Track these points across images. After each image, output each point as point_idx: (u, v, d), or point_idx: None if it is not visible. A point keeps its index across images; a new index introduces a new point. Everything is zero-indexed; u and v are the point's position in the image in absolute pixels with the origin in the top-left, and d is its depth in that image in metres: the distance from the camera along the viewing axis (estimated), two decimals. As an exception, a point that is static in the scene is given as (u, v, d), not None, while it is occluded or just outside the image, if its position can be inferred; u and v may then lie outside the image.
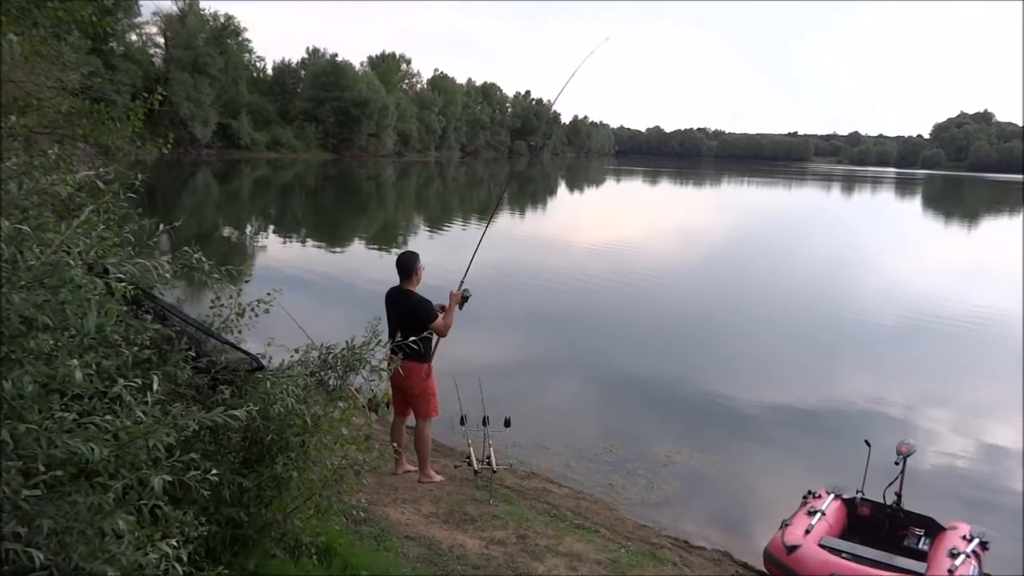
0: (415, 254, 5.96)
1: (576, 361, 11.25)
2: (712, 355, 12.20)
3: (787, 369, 11.48)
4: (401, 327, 5.45)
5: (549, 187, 62.29)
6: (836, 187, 78.74)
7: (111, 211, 3.82)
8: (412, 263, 5.85)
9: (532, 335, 12.53)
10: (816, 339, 13.42)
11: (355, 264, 19.60)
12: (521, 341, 12.14)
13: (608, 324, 13.72)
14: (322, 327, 5.72)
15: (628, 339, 12.73)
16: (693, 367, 11.30)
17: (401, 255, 5.97)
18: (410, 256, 5.92)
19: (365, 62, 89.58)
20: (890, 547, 5.43)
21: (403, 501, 5.28)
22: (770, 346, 12.61)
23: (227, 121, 62.31)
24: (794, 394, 10.03)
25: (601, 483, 6.85)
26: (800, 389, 10.30)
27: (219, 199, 36.87)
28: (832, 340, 13.38)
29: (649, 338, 12.93)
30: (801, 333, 13.81)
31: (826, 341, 13.30)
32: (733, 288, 18.10)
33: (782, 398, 9.85)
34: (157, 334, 3.22)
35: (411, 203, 41.66)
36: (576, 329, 13.25)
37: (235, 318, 3.89)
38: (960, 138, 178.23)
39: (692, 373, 10.90)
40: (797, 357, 12.22)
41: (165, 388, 3.15)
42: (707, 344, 12.95)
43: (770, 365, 11.55)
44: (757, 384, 10.36)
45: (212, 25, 63.43)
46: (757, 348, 12.44)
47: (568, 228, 30.24)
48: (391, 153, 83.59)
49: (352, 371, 3.76)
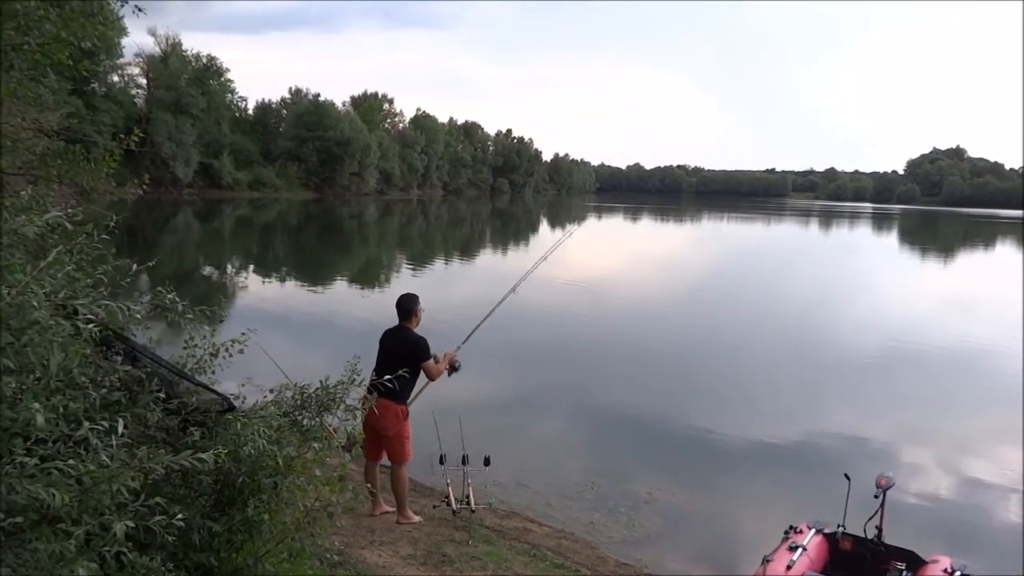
0: (415, 296, 5.99)
1: (557, 397, 11.20)
2: (693, 389, 12.20)
3: (768, 403, 11.46)
4: (392, 364, 5.36)
5: (531, 224, 62.60)
6: (815, 222, 79.67)
7: (85, 252, 3.82)
8: (412, 305, 5.88)
9: (512, 371, 12.48)
10: (797, 372, 13.47)
11: (337, 303, 19.53)
12: (501, 377, 12.09)
13: (588, 359, 13.72)
14: (301, 366, 5.66)
15: (608, 374, 12.71)
16: (674, 402, 11.29)
17: (402, 297, 5.98)
18: (410, 298, 5.95)
19: (347, 101, 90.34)
20: (872, 583, 5.40)
21: (380, 543, 5.20)
22: (751, 380, 12.63)
23: (209, 161, 62.41)
24: (775, 428, 10.02)
25: (583, 521, 6.79)
26: (781, 423, 10.29)
27: (200, 238, 36.74)
28: (812, 373, 13.43)
29: (630, 373, 12.90)
30: (782, 367, 13.84)
31: (806, 374, 13.35)
32: (714, 322, 18.17)
33: (763, 432, 9.83)
34: (127, 376, 3.17)
35: (393, 241, 41.72)
36: (556, 365, 13.22)
37: (208, 358, 3.83)
38: (933, 173, 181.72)
39: (673, 408, 10.88)
40: (778, 391, 12.23)
41: (134, 431, 3.11)
42: (688, 379, 12.94)
43: (752, 399, 11.53)
44: (739, 418, 10.34)
45: (194, 66, 63.86)
46: (738, 382, 12.47)
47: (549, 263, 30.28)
48: (373, 192, 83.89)
49: (327, 411, 3.72)
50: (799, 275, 30.08)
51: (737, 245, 48.17)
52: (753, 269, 31.81)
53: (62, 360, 2.26)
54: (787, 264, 35.26)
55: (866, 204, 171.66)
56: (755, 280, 27.56)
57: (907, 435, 10.11)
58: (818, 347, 15.51)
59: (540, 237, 49.00)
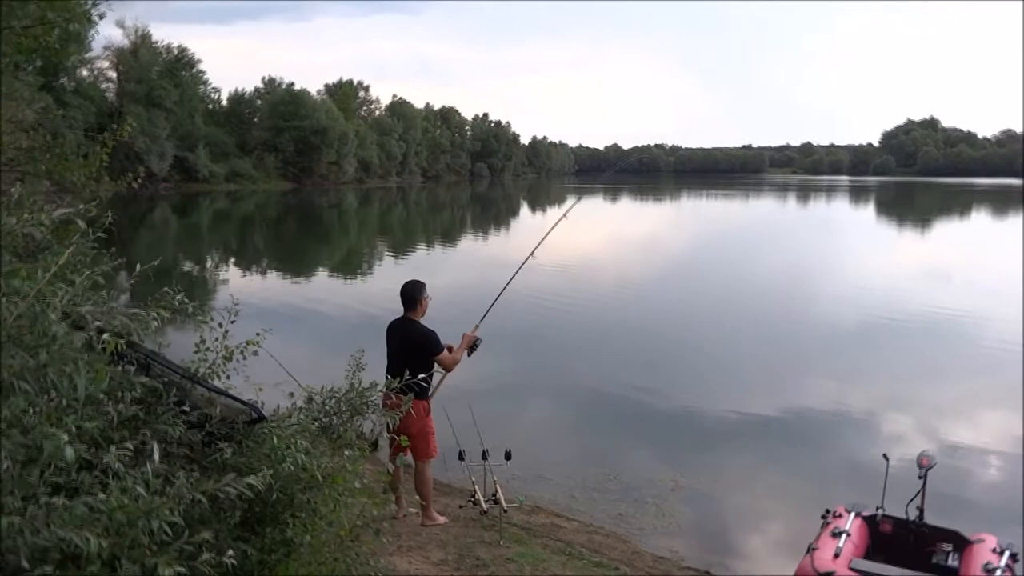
0: (421, 283, 5.62)
1: (562, 385, 10.93)
2: (701, 370, 11.97)
3: (785, 381, 11.24)
4: (404, 360, 5.11)
5: (512, 208, 62.22)
6: (793, 197, 79.85)
7: (83, 253, 3.51)
8: (418, 293, 5.52)
9: (514, 359, 12.18)
10: (799, 350, 13.29)
11: (324, 293, 19.16)
12: (504, 366, 11.82)
13: (587, 344, 13.46)
14: (297, 362, 5.37)
15: (609, 359, 12.45)
16: (684, 384, 11.05)
17: (406, 284, 5.62)
18: (416, 285, 5.57)
19: (322, 90, 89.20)
20: (919, 565, 5.20)
21: (408, 548, 4.92)
22: (762, 359, 12.40)
23: (184, 154, 61.34)
24: (794, 407, 9.83)
25: (610, 513, 6.55)
26: (799, 401, 10.09)
27: (178, 233, 36.10)
28: (812, 350, 13.27)
29: (629, 357, 12.67)
30: (791, 343, 13.66)
31: (806, 351, 13.17)
32: (705, 303, 17.97)
33: (782, 412, 9.64)
34: (143, 387, 2.88)
35: (374, 229, 41.24)
36: (556, 351, 12.96)
37: (222, 362, 3.50)
38: (908, 145, 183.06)
39: (685, 391, 10.63)
40: (792, 368, 12.03)
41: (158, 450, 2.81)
42: (694, 359, 12.72)
43: (765, 379, 11.29)
44: (753, 399, 10.11)
45: (165, 58, 62.66)
46: (749, 362, 12.23)
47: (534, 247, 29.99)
48: (352, 180, 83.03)
49: (359, 415, 3.42)
50: (784, 251, 29.98)
51: (718, 223, 48.08)
52: (743, 245, 31.70)
53: (90, 384, 1.94)
54: (777, 239, 35.16)
55: (843, 177, 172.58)
56: (744, 257, 27.42)
57: (919, 408, 9.97)
58: (815, 324, 15.34)
59: (521, 221, 48.69)
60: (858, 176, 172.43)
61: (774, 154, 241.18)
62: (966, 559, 5.10)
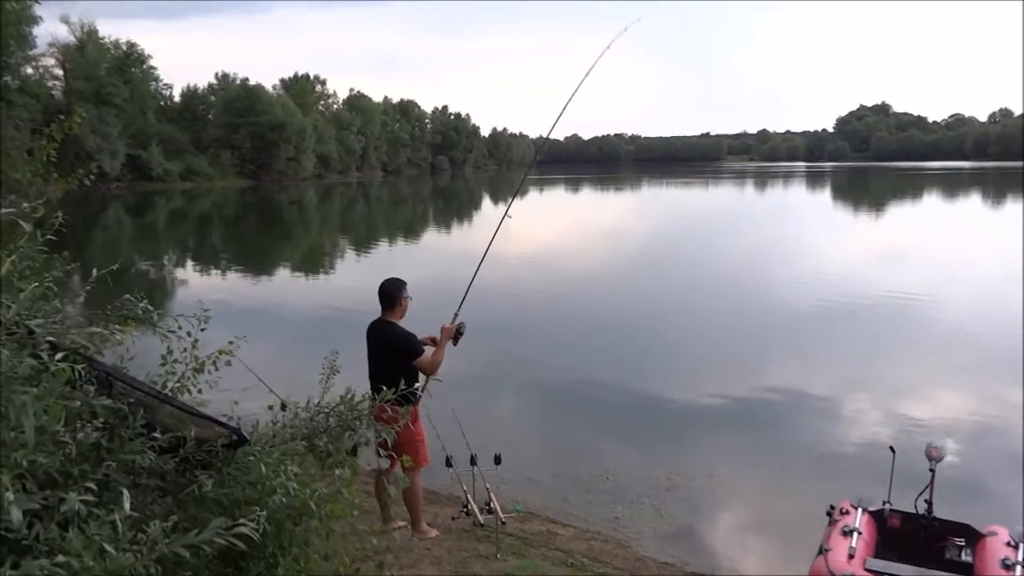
0: (401, 282, 5.19)
1: (542, 379, 10.64)
2: (673, 360, 11.83)
3: (765, 369, 11.04)
4: (383, 365, 4.78)
5: (474, 201, 61.77)
6: (750, 184, 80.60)
7: (31, 258, 3.10)
8: (397, 292, 5.10)
9: (491, 354, 11.85)
10: (780, 336, 13.13)
11: (287, 292, 18.69)
12: (480, 360, 11.48)
13: (563, 336, 13.22)
14: (265, 364, 4.97)
15: (587, 351, 12.18)
16: (660, 376, 10.85)
17: (384, 283, 5.18)
18: (395, 284, 5.16)
19: (278, 85, 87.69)
20: (931, 561, 5.01)
21: (400, 566, 4.57)
22: (736, 347, 12.24)
23: (136, 152, 59.84)
24: (776, 394, 9.70)
25: (606, 517, 6.27)
26: (781, 388, 9.95)
27: (134, 234, 35.06)
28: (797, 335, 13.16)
29: (608, 348, 12.38)
30: (766, 331, 13.51)
31: (791, 337, 13.03)
32: (688, 290, 17.91)
33: (765, 400, 9.49)
34: (105, 410, 2.42)
35: (336, 226, 40.55)
36: (533, 344, 12.67)
37: (192, 375, 3.11)
38: (862, 130, 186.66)
39: (663, 382, 10.41)
40: (770, 355, 11.88)
41: (124, 481, 2.42)
42: (664, 349, 12.58)
43: (744, 368, 11.08)
44: (733, 388, 9.93)
45: (114, 54, 60.96)
46: (723, 351, 12.07)
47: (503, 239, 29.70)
48: (311, 176, 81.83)
49: (351, 430, 3.08)
50: (744, 238, 30.05)
51: (680, 212, 48.22)
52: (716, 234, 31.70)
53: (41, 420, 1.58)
54: (730, 227, 35.21)
55: (799, 163, 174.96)
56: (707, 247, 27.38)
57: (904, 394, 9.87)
58: (784, 311, 15.25)
59: (483, 213, 48.30)
60: (814, 162, 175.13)
61: (731, 141, 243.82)
62: (980, 553, 4.92)
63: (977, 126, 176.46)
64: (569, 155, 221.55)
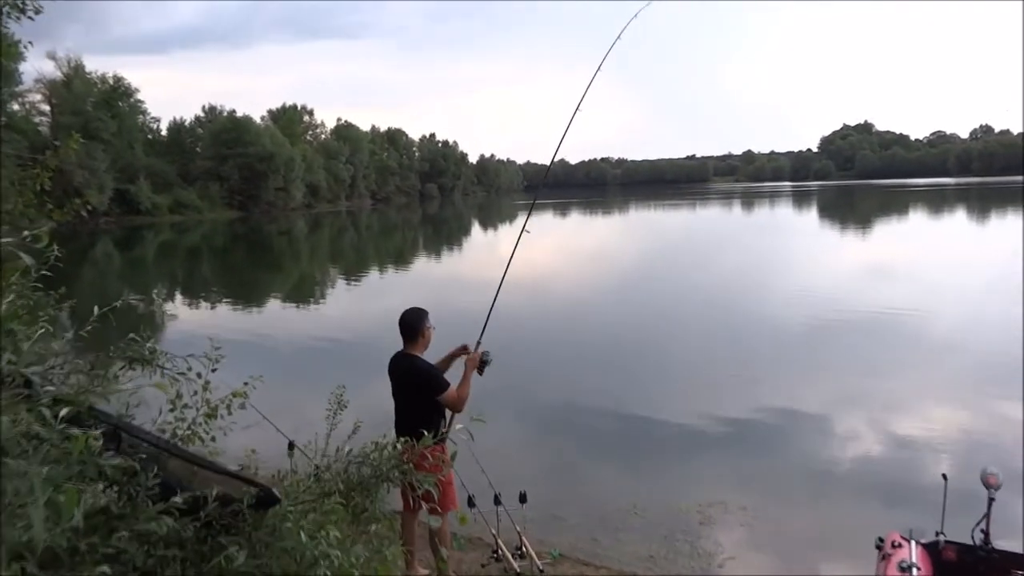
0: (423, 311, 4.90)
1: (552, 410, 10.29)
2: (678, 384, 11.58)
3: (788, 393, 10.64)
4: (407, 400, 4.62)
5: (464, 228, 61.86)
6: (737, 205, 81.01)
7: (26, 296, 2.99)
8: (419, 323, 4.81)
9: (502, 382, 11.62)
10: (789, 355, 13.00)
11: (280, 323, 18.55)
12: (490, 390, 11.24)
13: (569, 362, 12.98)
14: (269, 401, 4.86)
15: (595, 377, 11.91)
16: (672, 400, 10.54)
17: (406, 313, 4.87)
18: (417, 314, 4.86)
19: (266, 116, 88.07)
20: (995, 597, 4.81)
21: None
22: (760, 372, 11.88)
23: (124, 186, 59.74)
24: (802, 423, 9.32)
25: (641, 556, 5.92)
26: (806, 417, 9.53)
27: (122, 269, 34.90)
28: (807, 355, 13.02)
29: (616, 373, 12.14)
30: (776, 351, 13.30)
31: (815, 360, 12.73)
32: (689, 314, 17.84)
33: (791, 429, 9.15)
34: (114, 469, 2.09)
35: (327, 255, 40.53)
36: (538, 371, 12.27)
37: (204, 420, 2.85)
38: (846, 149, 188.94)
39: (684, 408, 9.96)
40: (791, 379, 11.53)
41: (136, 553, 2.15)
42: (669, 372, 12.36)
43: (767, 392, 10.69)
44: (760, 415, 9.56)
45: (101, 88, 61.07)
46: (745, 374, 11.65)
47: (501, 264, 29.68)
48: (300, 206, 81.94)
49: (389, 481, 2.87)
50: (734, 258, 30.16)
51: (671, 234, 48.41)
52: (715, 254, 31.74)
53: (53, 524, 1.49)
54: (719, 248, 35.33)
55: (785, 183, 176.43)
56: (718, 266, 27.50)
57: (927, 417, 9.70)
58: (784, 330, 15.26)
59: (473, 239, 48.36)
60: (800, 181, 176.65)
61: (717, 163, 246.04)
62: (1047, 586, 4.73)
63: (959, 143, 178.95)
64: (557, 180, 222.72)
